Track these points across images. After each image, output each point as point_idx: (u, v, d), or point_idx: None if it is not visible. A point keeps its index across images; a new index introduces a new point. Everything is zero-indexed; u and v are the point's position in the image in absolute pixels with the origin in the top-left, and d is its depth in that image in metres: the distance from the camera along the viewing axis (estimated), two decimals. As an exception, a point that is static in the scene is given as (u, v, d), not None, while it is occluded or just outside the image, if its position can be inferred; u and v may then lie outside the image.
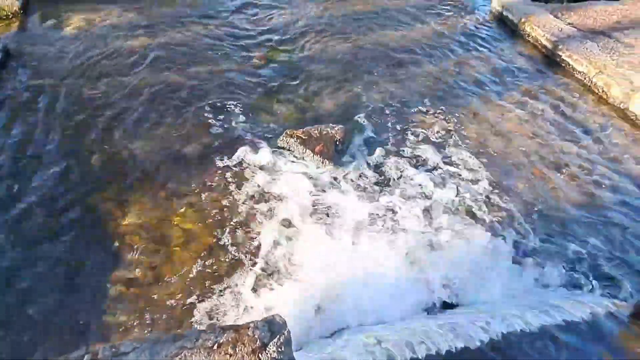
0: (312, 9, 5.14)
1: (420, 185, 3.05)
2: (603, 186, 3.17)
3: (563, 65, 4.37)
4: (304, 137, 3.17)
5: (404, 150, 3.34)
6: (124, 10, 4.83)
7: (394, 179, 3.09)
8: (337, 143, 3.17)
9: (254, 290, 2.35)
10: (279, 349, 1.48)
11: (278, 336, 1.51)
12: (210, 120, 3.50)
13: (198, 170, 3.11)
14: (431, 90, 4.03)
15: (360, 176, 3.08)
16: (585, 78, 4.15)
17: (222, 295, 2.35)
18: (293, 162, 3.14)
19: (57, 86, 3.75)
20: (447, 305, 2.43)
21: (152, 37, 4.45)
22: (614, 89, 3.91)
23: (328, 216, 2.77)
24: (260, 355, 1.46)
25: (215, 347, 1.47)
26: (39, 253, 2.54)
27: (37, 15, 4.65)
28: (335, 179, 3.02)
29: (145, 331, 2.21)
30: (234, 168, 3.11)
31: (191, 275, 2.46)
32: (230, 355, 1.45)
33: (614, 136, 3.61)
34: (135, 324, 2.23)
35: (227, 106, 3.66)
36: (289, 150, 3.19)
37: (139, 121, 3.48)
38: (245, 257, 2.55)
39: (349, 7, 5.23)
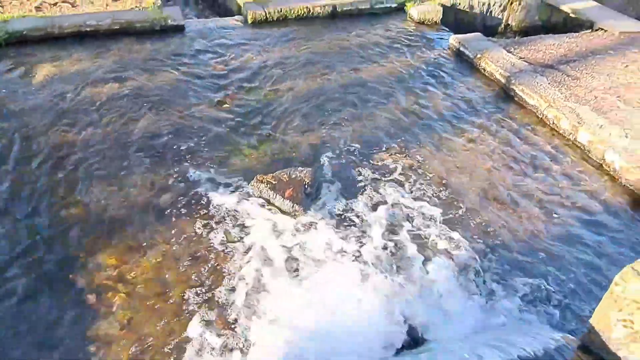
0: (278, 50, 5.33)
1: (385, 223, 3.20)
2: (554, 217, 3.39)
3: (517, 98, 4.65)
4: (273, 182, 3.30)
5: (369, 190, 3.50)
6: (93, 56, 4.92)
7: (360, 219, 3.24)
8: (306, 186, 3.31)
9: (222, 349, 2.42)
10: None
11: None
12: (180, 167, 3.60)
13: (170, 218, 3.19)
14: (394, 127, 4.23)
15: (329, 218, 3.21)
16: (537, 111, 4.44)
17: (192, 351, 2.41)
18: (264, 207, 3.25)
19: (26, 135, 3.79)
20: (415, 342, 2.56)
21: (121, 83, 4.54)
22: (563, 122, 4.19)
23: (298, 261, 2.88)
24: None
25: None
26: (12, 310, 2.56)
27: (5, 63, 4.69)
28: (305, 222, 3.15)
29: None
30: (205, 215, 3.20)
31: (166, 327, 2.52)
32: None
33: (564, 167, 3.86)
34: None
35: (197, 151, 3.77)
36: (260, 195, 3.30)
37: (109, 170, 3.55)
38: (217, 310, 2.62)
39: (313, 47, 5.44)
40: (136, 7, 5.82)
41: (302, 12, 6.01)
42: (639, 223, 3.41)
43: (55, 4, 5.74)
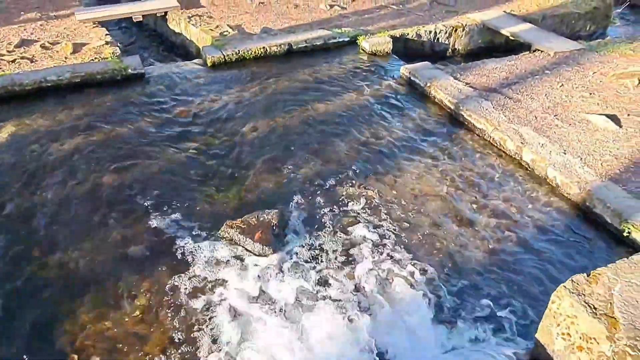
0: (239, 91, 5.53)
1: (350, 257, 3.41)
2: (508, 234, 3.67)
3: (465, 123, 4.99)
4: (243, 227, 3.46)
5: (334, 225, 3.70)
6: (56, 112, 5.00)
7: (327, 255, 3.43)
8: (274, 228, 3.49)
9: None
10: None
11: None
12: (151, 218, 3.72)
13: (144, 270, 3.30)
14: (354, 160, 4.47)
15: (297, 257, 3.39)
16: (484, 134, 4.77)
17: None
18: (236, 252, 3.40)
19: (-5, 200, 3.85)
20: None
21: (86, 136, 4.63)
22: (508, 143, 4.53)
23: (271, 302, 3.04)
24: None
25: None
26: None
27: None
28: (275, 263, 3.31)
29: None
30: (179, 264, 3.33)
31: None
32: None
33: (513, 186, 4.17)
34: None
35: (166, 200, 3.90)
36: (230, 240, 3.45)
37: (81, 226, 3.64)
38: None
39: (272, 85, 5.67)
40: (95, 58, 5.94)
41: (260, 53, 6.25)
42: (582, 232, 3.73)
43: (13, 61, 5.80)
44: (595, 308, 2.08)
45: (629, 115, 4.81)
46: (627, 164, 4.13)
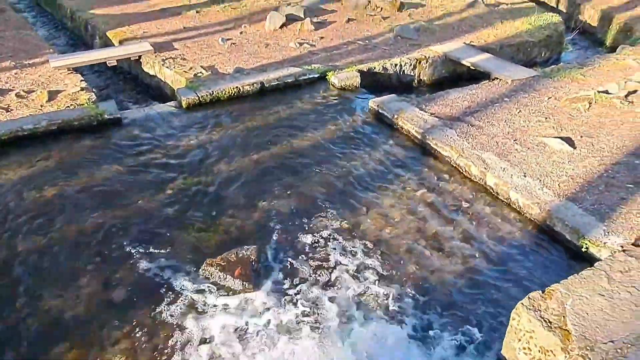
0: (214, 131, 5.71)
1: (328, 286, 3.55)
2: (477, 256, 3.87)
3: (433, 152, 5.25)
4: (223, 264, 3.58)
5: (310, 256, 3.85)
6: (33, 161, 5.07)
7: (306, 286, 3.56)
8: (253, 263, 3.61)
9: None
10: None
11: None
12: (132, 261, 3.80)
13: (126, 313, 3.37)
14: (329, 193, 4.66)
15: (277, 290, 3.51)
16: (451, 161, 5.03)
17: None
18: (216, 289, 3.50)
19: (-25, 253, 3.87)
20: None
21: (64, 184, 4.71)
22: (473, 169, 4.79)
23: (253, 339, 3.14)
24: None
25: None
26: None
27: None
28: (255, 300, 3.43)
29: None
30: (161, 306, 3.41)
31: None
32: None
33: (480, 209, 4.41)
34: None
35: (147, 243, 3.99)
36: (211, 278, 3.56)
37: (63, 273, 3.70)
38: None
39: (246, 124, 5.87)
40: (71, 105, 6.06)
41: (233, 92, 6.48)
42: (546, 250, 3.96)
43: (-12, 111, 5.87)
44: (550, 322, 2.26)
45: (581, 137, 5.15)
46: (582, 183, 4.42)
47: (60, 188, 4.65)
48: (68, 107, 6.01)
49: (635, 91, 5.97)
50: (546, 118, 5.59)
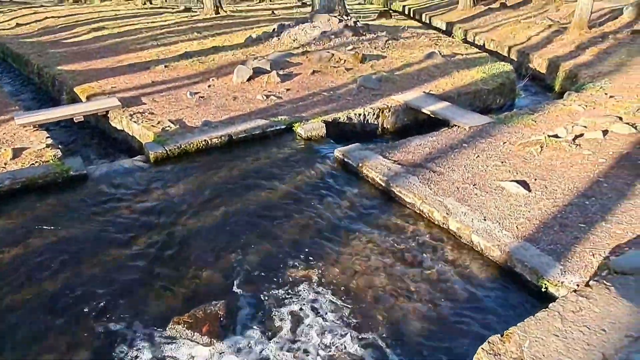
0: (182, 185, 5.75)
1: (298, 338, 3.55)
2: (443, 298, 3.96)
3: (397, 199, 5.42)
4: (190, 321, 3.54)
5: (279, 309, 3.85)
6: (-5, 220, 4.98)
7: (276, 339, 3.55)
8: (222, 319, 3.59)
9: None
10: None
11: None
12: (97, 322, 3.72)
13: (92, 378, 3.27)
14: (297, 243, 4.72)
15: (246, 345, 3.49)
16: (414, 207, 5.20)
17: None
18: (185, 348, 3.45)
19: None
20: None
21: (27, 244, 4.62)
22: (436, 214, 4.96)
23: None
24: None
25: None
26: None
27: None
28: (225, 354, 3.39)
29: None
30: (128, 368, 3.33)
31: None
32: None
33: (444, 253, 4.54)
34: None
35: (113, 303, 3.92)
36: (178, 336, 3.51)
37: (25, 336, 3.58)
38: None
39: (215, 177, 5.94)
40: (36, 162, 6.02)
41: (201, 145, 6.58)
42: (508, 291, 4.08)
43: (-51, 172, 5.76)
44: (509, 366, 2.34)
45: (535, 180, 5.43)
46: (538, 224, 4.63)
47: (22, 248, 4.56)
48: (33, 164, 5.96)
49: (581, 134, 6.39)
50: (502, 162, 5.89)
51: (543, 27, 14.56)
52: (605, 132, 6.43)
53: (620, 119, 6.85)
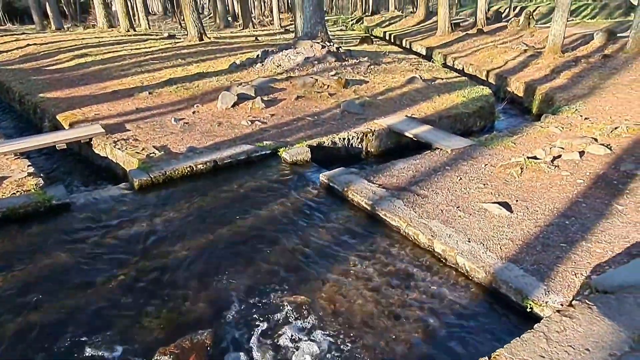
0: (167, 212, 5.71)
1: (288, 367, 3.52)
2: (429, 324, 3.97)
3: (382, 222, 5.47)
4: (176, 352, 3.49)
5: (267, 336, 3.82)
6: (-26, 252, 4.87)
7: (264, 369, 3.52)
8: (209, 348, 3.54)
9: None
10: None
11: None
12: (79, 356, 3.63)
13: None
14: (284, 269, 4.70)
15: (234, 375, 3.45)
16: (400, 230, 5.25)
17: None
18: (170, 379, 3.39)
19: None
20: None
21: (6, 277, 4.51)
22: (421, 237, 5.02)
23: None
24: None
25: None
26: None
27: None
28: (211, 386, 3.34)
29: None
30: (113, 402, 3.25)
31: None
32: None
33: (429, 276, 4.57)
34: None
35: (97, 335, 3.83)
36: (164, 368, 3.45)
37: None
38: None
39: (200, 203, 5.93)
40: (17, 192, 5.94)
41: (186, 172, 6.57)
42: (494, 312, 4.12)
43: None
44: (497, 389, 2.36)
45: (517, 201, 5.55)
46: (521, 245, 4.71)
47: (2, 280, 4.45)
48: (13, 194, 5.87)
49: (559, 156, 6.57)
50: (484, 184, 6.01)
51: (519, 52, 15.06)
52: (582, 153, 6.62)
53: (596, 140, 7.07)
